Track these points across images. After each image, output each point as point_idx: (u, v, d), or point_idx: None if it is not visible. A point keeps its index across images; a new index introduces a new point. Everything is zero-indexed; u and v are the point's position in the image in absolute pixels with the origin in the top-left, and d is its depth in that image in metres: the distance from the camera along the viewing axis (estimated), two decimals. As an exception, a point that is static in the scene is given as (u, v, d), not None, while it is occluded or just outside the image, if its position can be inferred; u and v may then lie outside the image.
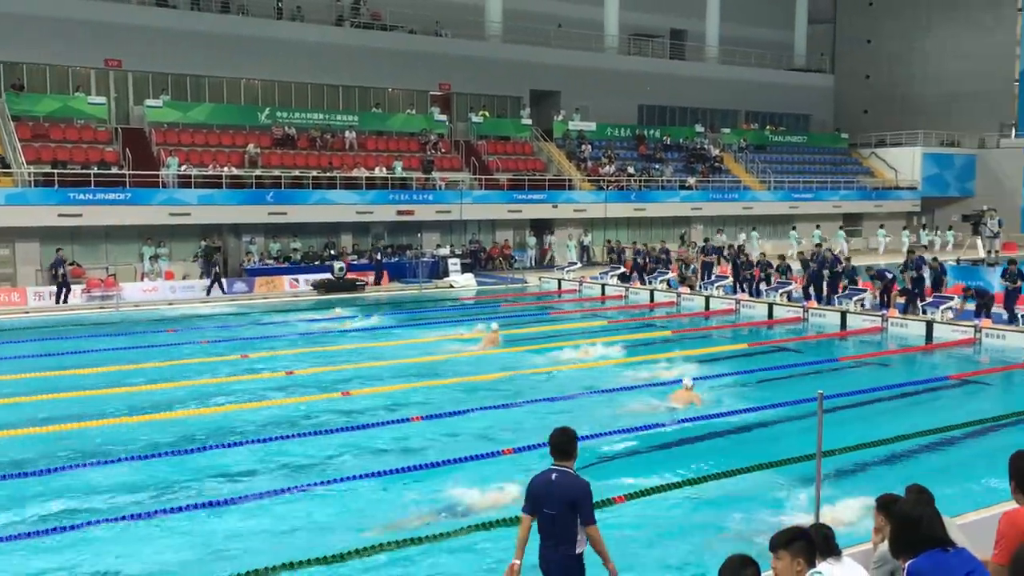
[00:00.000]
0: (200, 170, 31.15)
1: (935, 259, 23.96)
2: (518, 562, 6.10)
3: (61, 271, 26.84)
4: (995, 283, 22.97)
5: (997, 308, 21.04)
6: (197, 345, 19.84)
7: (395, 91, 39.07)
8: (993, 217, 43.05)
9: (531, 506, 6.12)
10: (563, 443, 6.15)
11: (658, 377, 15.98)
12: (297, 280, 30.20)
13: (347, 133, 35.96)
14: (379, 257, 32.49)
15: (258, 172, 32.24)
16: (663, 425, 12.89)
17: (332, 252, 32.74)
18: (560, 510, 5.96)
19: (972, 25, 51.08)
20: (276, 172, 32.69)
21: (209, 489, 10.22)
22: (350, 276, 30.43)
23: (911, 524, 4.37)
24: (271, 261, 31.65)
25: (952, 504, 9.01)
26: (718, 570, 4.42)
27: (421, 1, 40.00)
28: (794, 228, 42.41)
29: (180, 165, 30.85)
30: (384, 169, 34.72)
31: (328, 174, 33.23)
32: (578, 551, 6.04)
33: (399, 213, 34.12)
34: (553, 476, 6.06)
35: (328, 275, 30.22)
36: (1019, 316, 20.27)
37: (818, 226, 41.67)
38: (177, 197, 29.97)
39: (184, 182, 30.41)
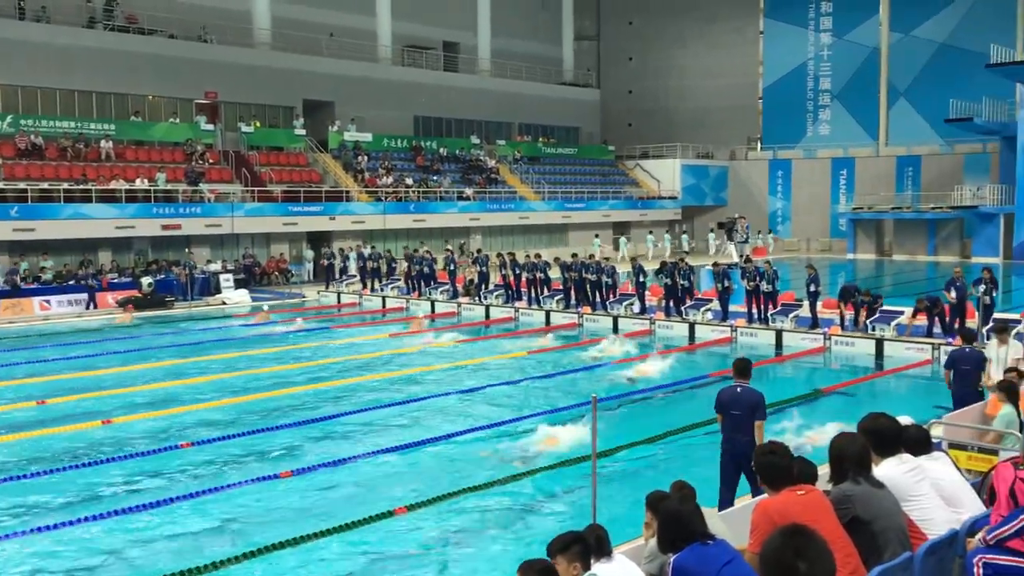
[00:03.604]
0: (-70, 183, 28.06)
1: (687, 263, 24.68)
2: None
3: None
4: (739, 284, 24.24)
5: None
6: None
7: (156, 99, 36.95)
8: (744, 224, 46.63)
9: (720, 409, 8.87)
10: (745, 367, 8.93)
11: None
12: (48, 302, 27.76)
13: (103, 143, 33.54)
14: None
15: (0, 185, 29.41)
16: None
17: (89, 270, 30.43)
18: (744, 411, 8.66)
19: (721, 45, 55.16)
20: (22, 185, 29.96)
21: None
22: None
23: (675, 520, 4.62)
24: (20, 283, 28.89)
25: (715, 497, 9.55)
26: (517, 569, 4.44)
27: (182, 5, 38.10)
28: (597, 236, 44.43)
29: (-95, 177, 27.65)
30: (146, 181, 32.67)
31: (82, 187, 30.82)
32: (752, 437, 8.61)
33: (164, 228, 32.23)
34: (738, 389, 8.80)
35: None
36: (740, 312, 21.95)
37: (597, 235, 43.63)
38: (-98, 213, 26.82)
39: (-90, 196, 27.27)
